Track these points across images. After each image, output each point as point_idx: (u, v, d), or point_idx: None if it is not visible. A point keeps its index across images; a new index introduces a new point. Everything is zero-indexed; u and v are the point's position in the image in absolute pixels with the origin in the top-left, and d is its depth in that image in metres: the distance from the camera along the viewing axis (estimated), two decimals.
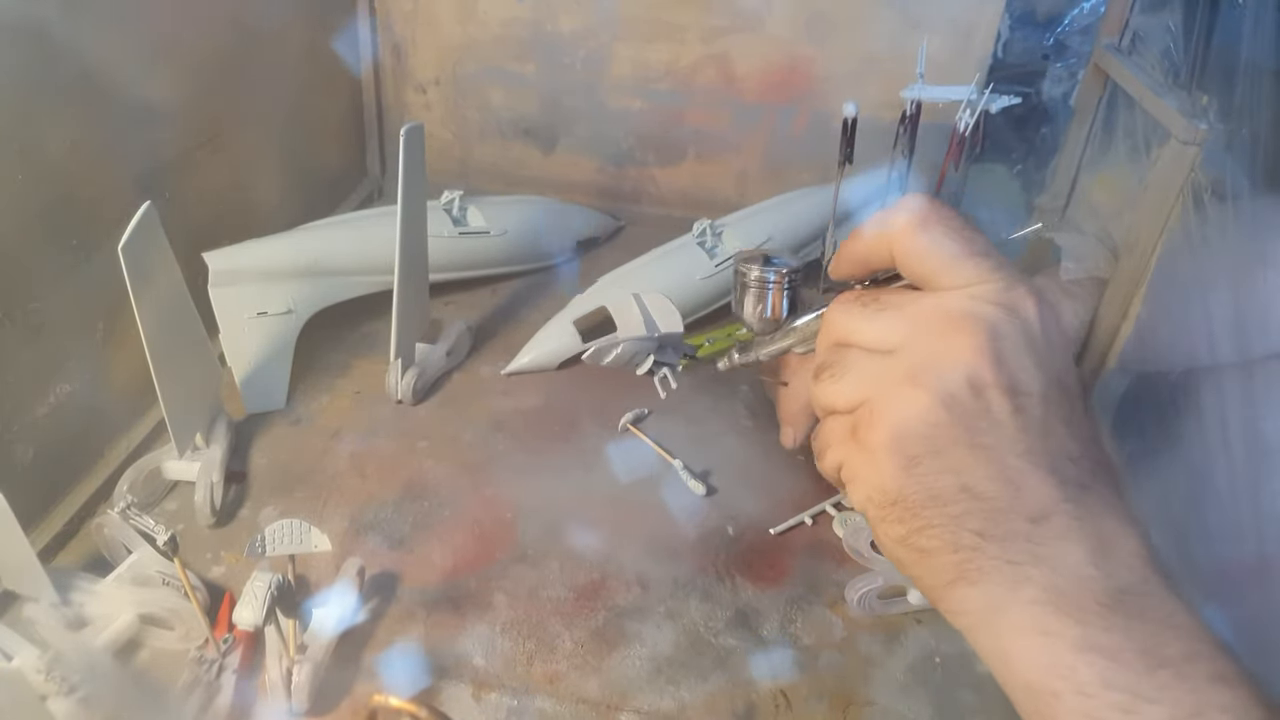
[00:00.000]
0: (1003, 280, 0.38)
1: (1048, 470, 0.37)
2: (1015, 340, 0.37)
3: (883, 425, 0.38)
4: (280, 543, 0.54)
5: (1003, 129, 0.97)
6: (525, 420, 0.73)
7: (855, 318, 0.41)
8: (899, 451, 0.38)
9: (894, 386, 0.38)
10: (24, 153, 0.55)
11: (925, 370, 0.38)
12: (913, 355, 0.38)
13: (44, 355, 0.59)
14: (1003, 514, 0.36)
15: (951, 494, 0.37)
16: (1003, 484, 0.37)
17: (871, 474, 0.39)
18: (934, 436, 0.37)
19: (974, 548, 0.37)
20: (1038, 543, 0.36)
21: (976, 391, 0.37)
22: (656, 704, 0.52)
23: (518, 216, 0.92)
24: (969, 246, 0.39)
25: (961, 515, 0.37)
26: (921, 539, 0.38)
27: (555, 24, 0.99)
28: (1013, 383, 0.37)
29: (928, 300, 0.39)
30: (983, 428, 0.37)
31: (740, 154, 1.03)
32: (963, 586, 0.37)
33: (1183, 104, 0.61)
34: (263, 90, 0.84)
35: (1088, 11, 0.94)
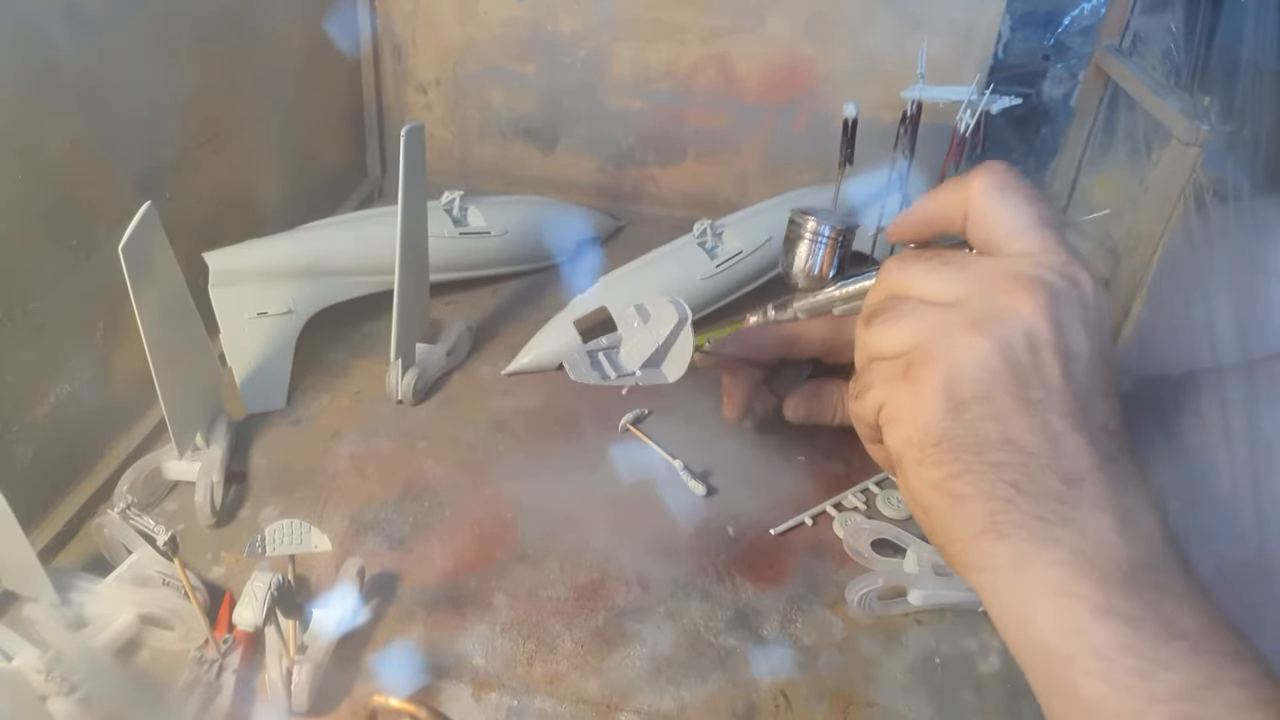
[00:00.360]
0: (1065, 253, 0.40)
1: (1087, 436, 0.38)
2: (1072, 308, 0.38)
3: (939, 366, 0.39)
4: (280, 543, 0.54)
5: (1003, 129, 0.97)
6: (525, 420, 0.73)
7: (917, 270, 0.42)
8: (950, 393, 0.39)
9: (955, 331, 0.39)
10: (24, 153, 0.55)
11: (988, 320, 0.38)
12: (976, 306, 0.39)
13: (44, 355, 0.59)
14: (1040, 470, 0.37)
15: (994, 442, 0.38)
16: (1044, 440, 0.37)
17: (918, 413, 0.40)
18: (987, 383, 0.38)
19: (1008, 499, 0.37)
20: (1070, 504, 0.37)
21: (1033, 348, 0.38)
22: (656, 704, 0.52)
23: (518, 217, 0.92)
24: (1039, 216, 0.41)
25: (1001, 464, 0.38)
26: (958, 484, 0.39)
27: (555, 24, 0.99)
28: (1066, 346, 0.38)
29: (993, 260, 0.40)
30: (1034, 383, 0.38)
31: (740, 154, 1.03)
32: (991, 539, 0.38)
33: (1184, 105, 0.61)
34: (263, 90, 0.84)
35: (1088, 12, 0.94)
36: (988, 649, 0.56)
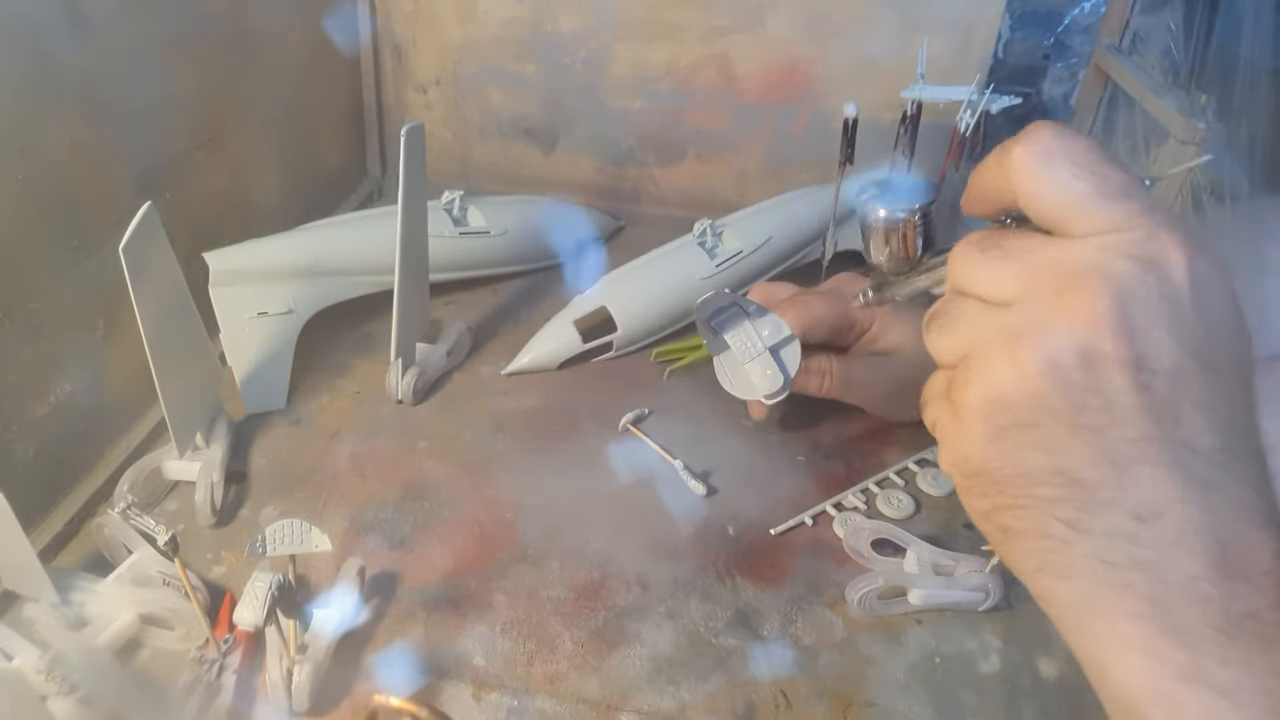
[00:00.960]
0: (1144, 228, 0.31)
1: (1167, 463, 0.31)
2: (1148, 304, 0.31)
3: (976, 387, 0.34)
4: (280, 543, 0.54)
5: (1003, 129, 0.96)
6: (525, 420, 0.73)
7: (973, 263, 0.35)
8: (987, 419, 0.33)
9: (995, 344, 0.33)
10: (24, 152, 0.55)
11: (1032, 331, 0.32)
12: (1023, 312, 0.33)
13: (44, 355, 0.59)
14: (1103, 506, 0.32)
15: (1043, 474, 0.33)
16: (1107, 471, 0.32)
17: (960, 438, 0.35)
18: (1030, 408, 0.32)
19: (1064, 539, 0.33)
20: (1142, 545, 0.31)
21: (1088, 364, 0.31)
22: (656, 704, 0.52)
23: (518, 216, 0.92)
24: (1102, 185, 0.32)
25: (1052, 500, 0.33)
26: (1006, 517, 0.34)
27: (555, 24, 0.99)
28: (1137, 356, 0.31)
29: (1052, 249, 0.33)
30: (1091, 405, 0.31)
31: (740, 154, 1.03)
32: (1047, 578, 0.33)
33: (1181, 103, 0.62)
34: (263, 90, 0.84)
35: (1088, 11, 0.94)
36: (988, 649, 0.56)
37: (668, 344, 0.82)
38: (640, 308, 0.81)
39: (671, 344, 0.81)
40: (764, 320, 0.64)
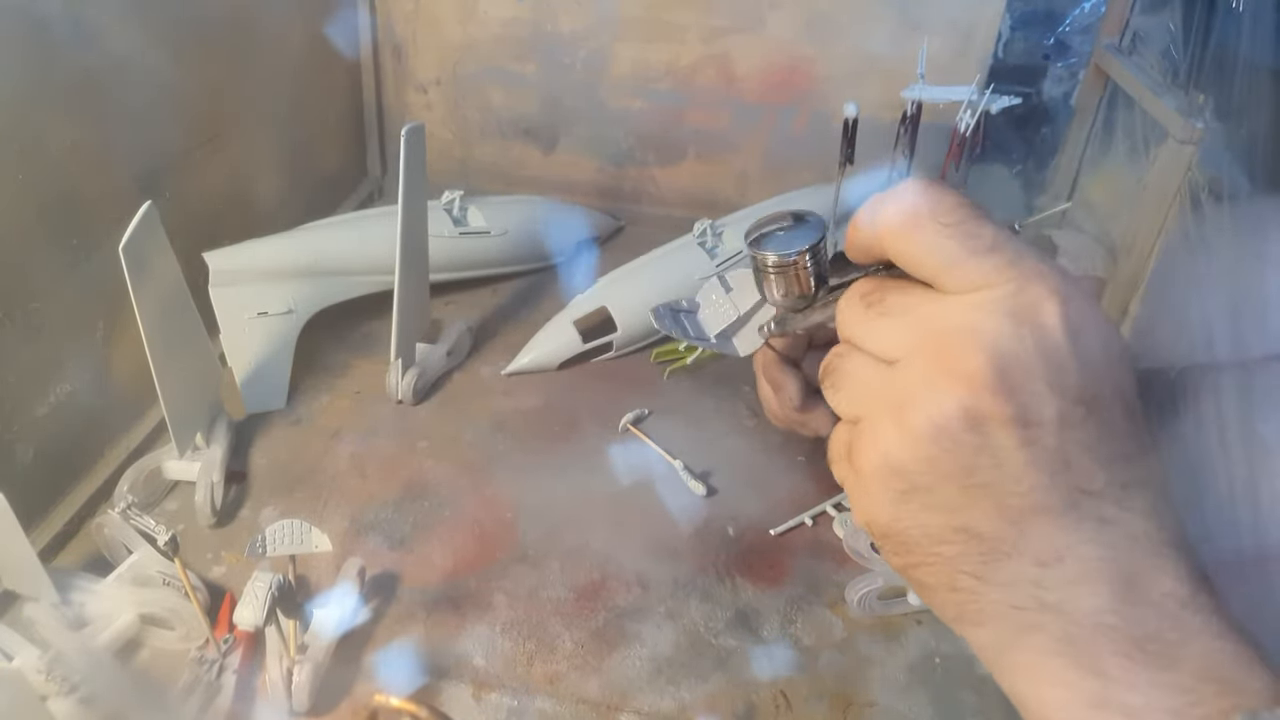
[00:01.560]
0: (1014, 281, 0.32)
1: (1060, 510, 0.32)
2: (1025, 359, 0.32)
3: (872, 453, 0.34)
4: (281, 543, 0.54)
5: (1003, 129, 0.97)
6: (525, 420, 0.73)
7: (859, 321, 0.36)
8: (887, 484, 0.34)
9: (886, 410, 0.34)
10: (24, 152, 0.55)
11: (916, 397, 0.33)
12: (908, 376, 0.34)
13: (44, 355, 0.59)
14: (1005, 557, 0.33)
15: (945, 533, 0.34)
16: (1004, 525, 0.33)
17: (865, 502, 0.36)
18: (924, 472, 0.33)
19: (972, 590, 0.34)
20: (1047, 588, 0.32)
21: (974, 425, 0.32)
22: (656, 704, 0.52)
23: (518, 216, 0.92)
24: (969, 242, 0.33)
25: (957, 557, 0.34)
26: (918, 573, 0.35)
27: (555, 24, 0.99)
28: (1020, 412, 0.32)
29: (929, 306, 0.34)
30: (981, 465, 0.32)
31: (740, 154, 1.03)
32: (967, 626, 0.35)
33: (1180, 103, 0.62)
34: (263, 90, 0.84)
35: (1088, 11, 0.94)
36: None
37: (667, 344, 0.82)
38: (640, 308, 0.81)
39: (671, 344, 0.81)
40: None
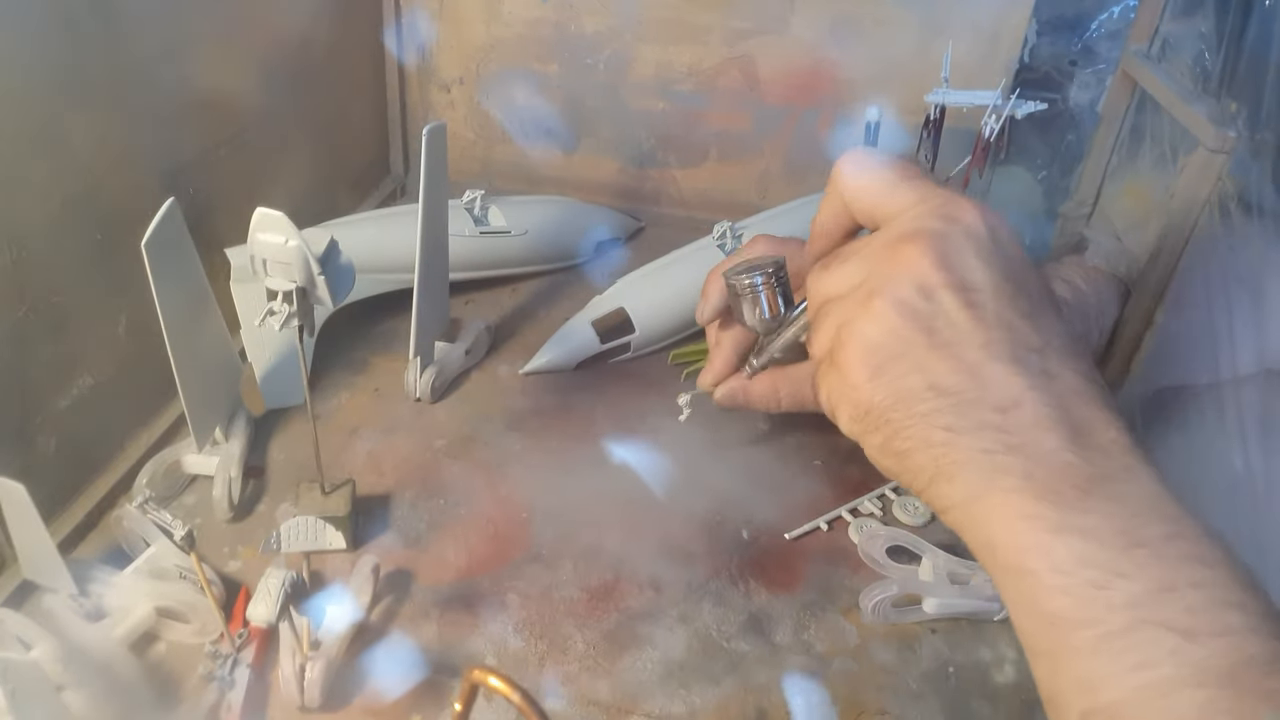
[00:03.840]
0: (939, 196, 0.41)
1: (1010, 360, 0.38)
2: (958, 243, 0.39)
3: (850, 343, 0.41)
4: (296, 539, 0.54)
5: (1028, 134, 0.96)
6: (542, 420, 0.73)
7: (824, 277, 0.44)
8: (865, 363, 0.40)
9: (856, 309, 0.41)
10: (51, 147, 0.56)
11: (880, 287, 0.40)
12: (869, 281, 0.41)
13: (67, 348, 0.59)
14: (970, 405, 0.38)
15: (918, 392, 0.39)
16: (966, 377, 0.38)
17: (847, 390, 0.42)
18: (894, 343, 0.40)
19: (945, 443, 0.38)
20: (1009, 431, 0.37)
21: (927, 294, 0.39)
22: (667, 708, 0.52)
23: (539, 216, 0.92)
24: (904, 172, 0.43)
25: (930, 413, 0.39)
26: (897, 442, 0.40)
27: (579, 25, 0.99)
28: (961, 280, 0.39)
29: (875, 239, 0.42)
30: (939, 327, 0.39)
31: (762, 156, 1.03)
32: (942, 482, 0.39)
33: (1211, 111, 0.61)
34: (287, 88, 0.85)
35: (1117, 17, 0.93)
36: (1002, 659, 0.56)
37: (686, 346, 0.81)
38: (658, 309, 0.80)
39: (690, 346, 0.81)
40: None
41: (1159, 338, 0.66)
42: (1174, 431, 0.63)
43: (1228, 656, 0.32)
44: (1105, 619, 0.34)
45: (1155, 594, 0.33)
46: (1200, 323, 0.61)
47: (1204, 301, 0.61)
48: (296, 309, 0.51)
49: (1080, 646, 0.34)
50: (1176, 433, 0.62)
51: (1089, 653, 0.34)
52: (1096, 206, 0.82)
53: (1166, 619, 0.33)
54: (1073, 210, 0.84)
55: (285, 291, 0.51)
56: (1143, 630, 0.33)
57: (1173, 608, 0.33)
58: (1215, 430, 0.59)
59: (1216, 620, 0.32)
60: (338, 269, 0.52)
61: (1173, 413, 0.63)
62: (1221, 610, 0.32)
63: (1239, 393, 0.56)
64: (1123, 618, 0.33)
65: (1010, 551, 0.37)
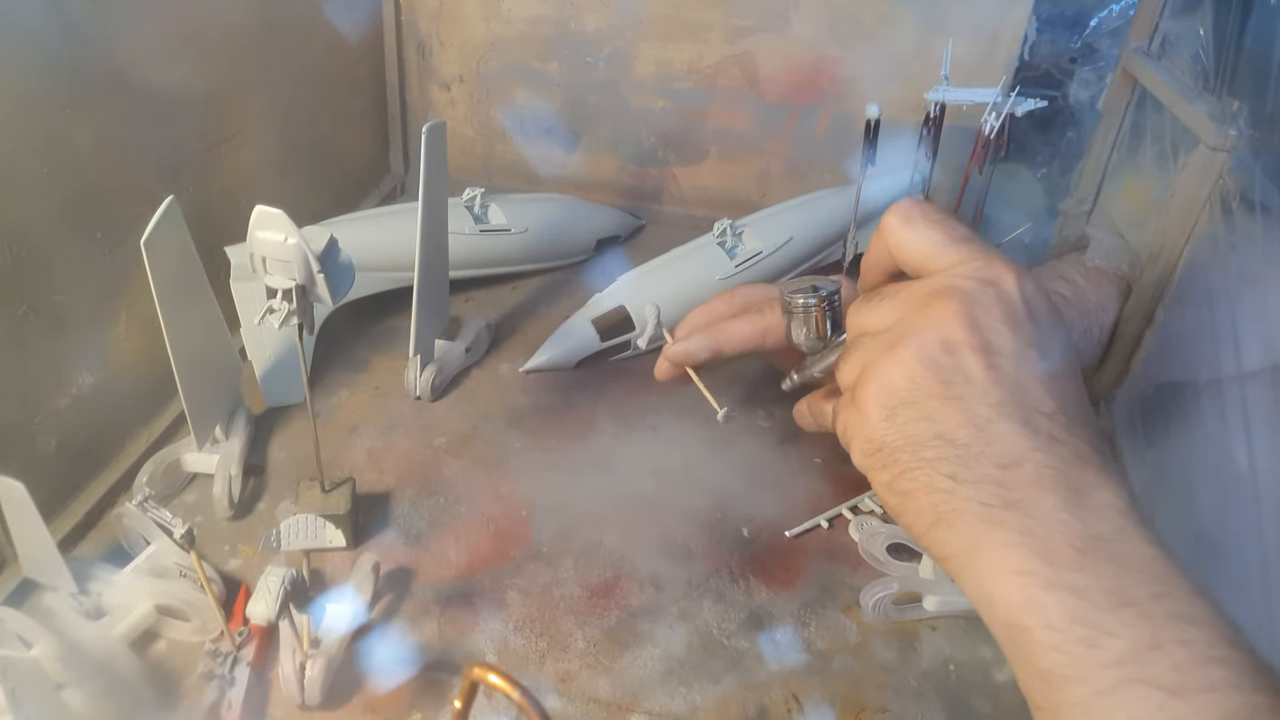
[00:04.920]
0: (981, 259, 0.43)
1: (1019, 421, 0.40)
2: (989, 306, 0.42)
3: (871, 383, 0.44)
4: (296, 538, 0.54)
5: (1028, 132, 0.96)
6: (543, 418, 0.73)
7: (862, 311, 0.47)
8: (881, 403, 0.43)
9: (883, 351, 0.43)
10: (50, 145, 0.56)
11: (907, 334, 0.43)
12: (900, 327, 0.43)
13: (67, 347, 0.59)
14: (974, 459, 0.40)
15: (926, 439, 0.41)
16: (973, 431, 0.40)
17: (861, 425, 0.44)
18: (911, 389, 0.42)
19: (948, 490, 0.40)
20: (1009, 488, 0.39)
21: (949, 350, 0.41)
22: (668, 705, 0.52)
23: (539, 214, 0.92)
24: (950, 233, 0.45)
25: (935, 459, 0.41)
26: (903, 482, 0.42)
27: (580, 22, 0.99)
28: (985, 343, 0.41)
29: (917, 283, 0.45)
30: (955, 381, 0.41)
31: (762, 154, 1.03)
32: (941, 528, 0.41)
33: (1212, 109, 0.61)
34: (287, 86, 0.85)
35: (1116, 14, 0.92)
36: (1003, 658, 0.55)
37: None
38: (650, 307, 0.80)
39: None
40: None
41: (1160, 335, 0.66)
42: (1174, 428, 0.63)
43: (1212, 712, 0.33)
44: (1095, 677, 0.35)
45: (1142, 652, 0.34)
46: (1202, 320, 0.61)
47: (1205, 299, 0.61)
48: (296, 307, 0.51)
49: (1073, 703, 0.35)
50: (1177, 429, 0.62)
51: (1081, 711, 0.35)
52: (1097, 204, 0.82)
53: (1153, 677, 0.34)
54: (1073, 208, 0.83)
55: (285, 289, 0.51)
56: (1130, 688, 0.34)
57: (1159, 666, 0.34)
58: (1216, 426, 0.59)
59: (1202, 677, 0.33)
60: (337, 267, 0.52)
61: (1173, 409, 0.63)
62: (1207, 667, 0.33)
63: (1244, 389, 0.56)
64: (1111, 675, 0.34)
65: (1005, 606, 0.38)
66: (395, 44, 1.03)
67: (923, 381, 0.42)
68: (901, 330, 0.43)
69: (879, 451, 0.43)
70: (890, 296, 0.45)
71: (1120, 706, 0.34)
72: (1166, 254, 0.64)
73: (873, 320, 0.46)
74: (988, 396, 0.40)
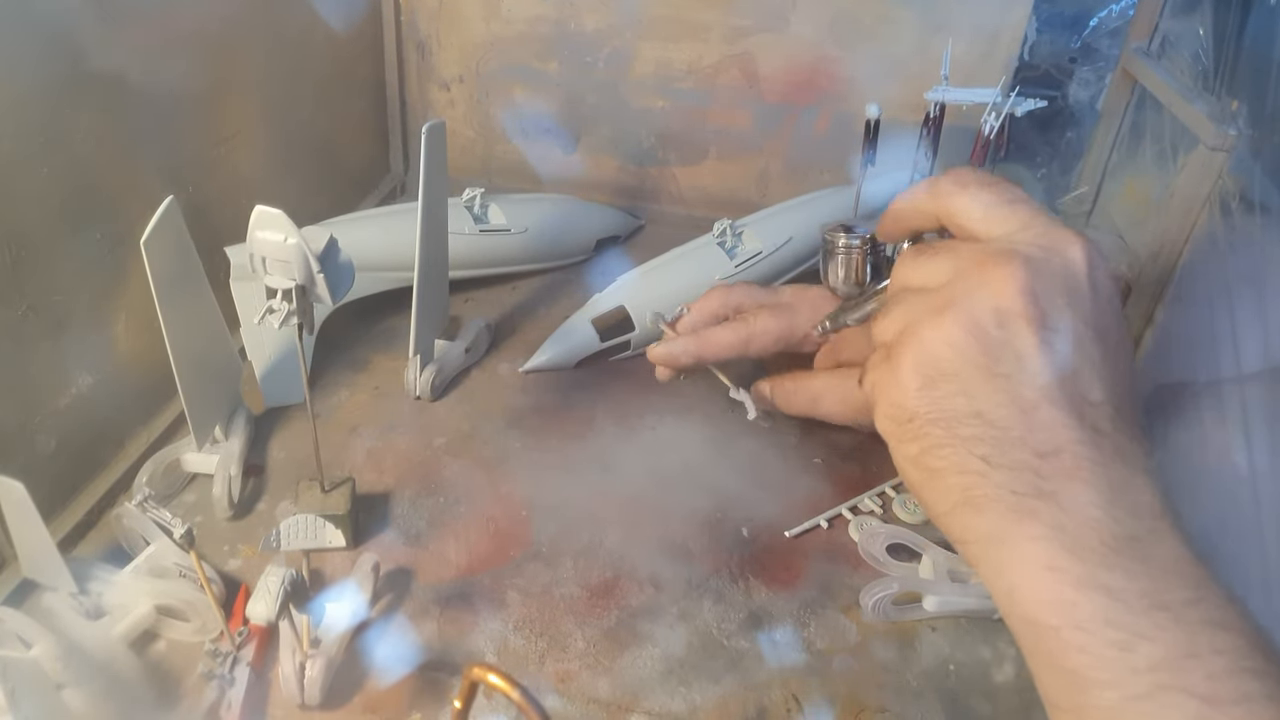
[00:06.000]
0: (1044, 224, 0.40)
1: (1064, 408, 0.37)
2: (1050, 277, 0.38)
3: (911, 345, 0.40)
4: (295, 538, 0.54)
5: (1028, 132, 0.96)
6: (542, 418, 0.73)
7: (912, 264, 0.43)
8: (919, 371, 0.40)
9: (928, 313, 0.40)
10: (50, 146, 0.56)
11: (957, 298, 0.39)
12: (951, 287, 0.40)
13: (66, 346, 0.59)
14: (1012, 443, 0.37)
15: (963, 416, 0.39)
16: (1015, 413, 0.38)
17: (893, 390, 0.41)
18: (954, 359, 0.39)
19: (980, 473, 0.38)
20: (1044, 477, 0.37)
21: (1002, 321, 0.38)
22: (667, 705, 0.52)
23: (538, 214, 0.92)
24: (1007, 195, 0.41)
25: (970, 439, 0.38)
26: (931, 458, 0.40)
27: (579, 22, 0.99)
28: (1042, 317, 0.38)
29: (973, 245, 0.41)
30: (1004, 356, 0.38)
31: (762, 154, 1.03)
32: (968, 512, 0.39)
33: (1212, 109, 0.61)
34: (287, 86, 0.85)
35: (1116, 14, 0.93)
36: (1003, 657, 0.56)
37: None
38: (658, 307, 0.80)
39: None
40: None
41: (1159, 335, 0.66)
42: (1174, 428, 0.63)
43: None
44: (1128, 682, 0.34)
45: (1178, 659, 0.33)
46: (1201, 320, 0.61)
47: (1205, 299, 0.61)
48: (296, 307, 0.51)
49: (1104, 707, 0.34)
50: (1176, 429, 0.62)
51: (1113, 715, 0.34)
52: (1096, 204, 0.82)
53: (1188, 685, 0.33)
54: (1073, 207, 0.84)
55: (285, 289, 0.51)
56: (1165, 695, 0.33)
57: (1195, 674, 0.33)
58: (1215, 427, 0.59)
59: (1237, 688, 0.32)
60: (337, 267, 0.52)
61: (1172, 410, 0.63)
62: (1241, 677, 0.32)
63: (1243, 390, 0.56)
64: (1145, 681, 0.33)
65: (1032, 602, 0.36)
66: (395, 44, 1.03)
67: (969, 353, 0.38)
68: (953, 293, 0.40)
69: (910, 421, 0.41)
70: (946, 252, 0.42)
71: (1155, 713, 0.33)
72: (1166, 254, 0.64)
73: (923, 275, 0.42)
74: (1036, 378, 0.38)
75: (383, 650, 0.53)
